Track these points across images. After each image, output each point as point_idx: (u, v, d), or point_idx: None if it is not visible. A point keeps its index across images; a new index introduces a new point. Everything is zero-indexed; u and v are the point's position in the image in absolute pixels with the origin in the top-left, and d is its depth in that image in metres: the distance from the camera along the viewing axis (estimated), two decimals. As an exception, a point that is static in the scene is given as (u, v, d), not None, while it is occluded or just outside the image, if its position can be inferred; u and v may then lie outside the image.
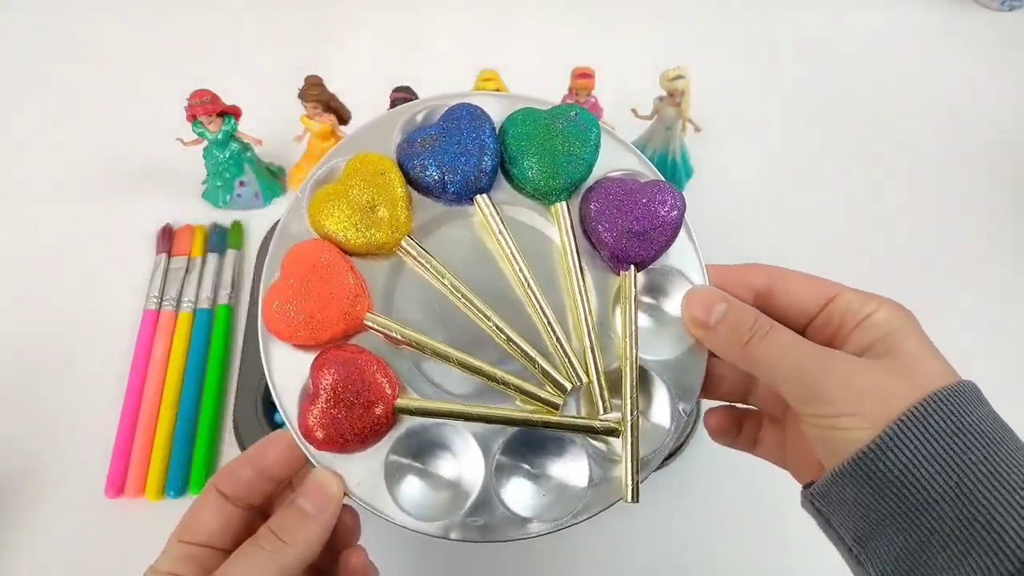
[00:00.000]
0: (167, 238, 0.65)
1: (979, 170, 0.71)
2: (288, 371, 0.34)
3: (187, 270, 0.63)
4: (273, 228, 0.63)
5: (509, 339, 0.34)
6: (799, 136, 0.73)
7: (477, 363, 0.34)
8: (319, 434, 0.32)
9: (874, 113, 0.75)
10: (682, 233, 0.36)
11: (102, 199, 0.68)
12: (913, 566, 0.27)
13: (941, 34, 0.82)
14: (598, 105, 0.64)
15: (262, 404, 0.54)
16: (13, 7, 0.83)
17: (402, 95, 0.60)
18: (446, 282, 0.35)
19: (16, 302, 0.62)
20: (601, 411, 0.34)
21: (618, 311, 0.36)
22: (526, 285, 0.35)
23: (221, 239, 0.65)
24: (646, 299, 0.36)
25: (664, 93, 0.63)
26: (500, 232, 0.36)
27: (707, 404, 0.40)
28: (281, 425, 0.55)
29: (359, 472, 0.33)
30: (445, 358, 0.34)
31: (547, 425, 0.34)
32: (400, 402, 0.33)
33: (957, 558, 0.26)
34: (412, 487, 0.33)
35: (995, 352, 0.60)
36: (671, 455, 0.53)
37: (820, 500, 0.30)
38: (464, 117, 0.36)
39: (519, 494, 0.33)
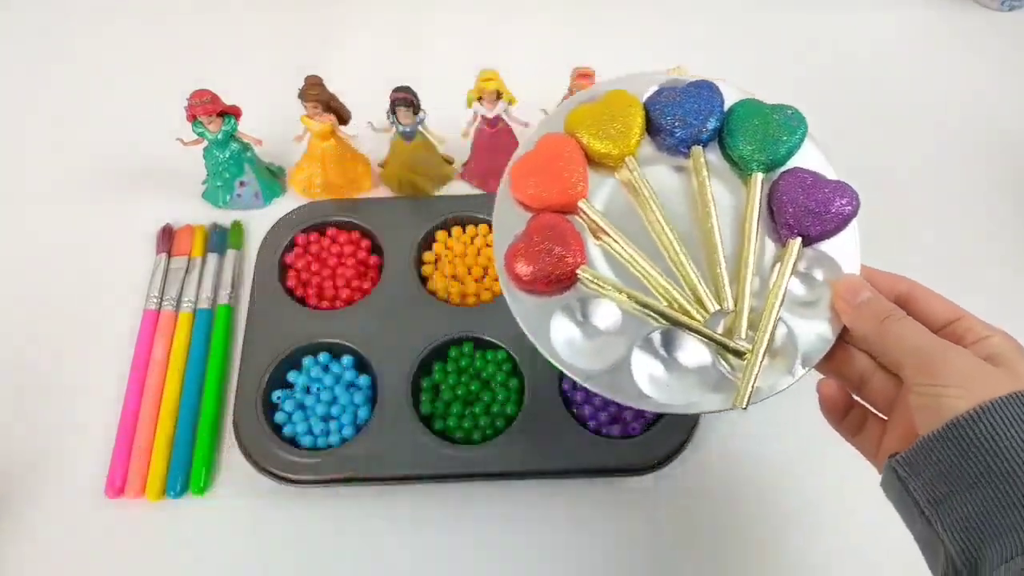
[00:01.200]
0: (167, 238, 0.65)
1: (979, 170, 0.71)
2: (509, 226, 0.43)
3: (187, 270, 0.63)
4: (275, 226, 0.63)
5: (680, 255, 0.41)
6: (799, 136, 0.73)
7: (649, 265, 0.41)
8: (518, 268, 0.41)
9: (874, 113, 0.75)
10: (851, 232, 0.42)
11: (102, 199, 0.68)
12: (983, 523, 0.31)
13: (941, 34, 0.81)
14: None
15: (262, 404, 0.54)
16: (13, 7, 0.83)
17: (402, 95, 0.60)
18: (646, 194, 0.43)
19: (16, 302, 0.63)
20: (738, 334, 0.40)
21: (776, 268, 0.42)
22: (713, 220, 0.42)
23: (221, 239, 0.65)
24: (802, 270, 0.42)
25: (664, 93, 0.62)
26: (704, 177, 0.43)
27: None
28: (282, 426, 0.55)
29: (535, 311, 0.41)
30: (627, 251, 0.42)
31: (692, 329, 0.40)
32: (584, 268, 0.41)
33: None
34: (570, 335, 0.41)
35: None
36: (669, 457, 0.54)
37: (905, 466, 0.33)
38: (705, 87, 0.45)
39: (647, 375, 0.40)
